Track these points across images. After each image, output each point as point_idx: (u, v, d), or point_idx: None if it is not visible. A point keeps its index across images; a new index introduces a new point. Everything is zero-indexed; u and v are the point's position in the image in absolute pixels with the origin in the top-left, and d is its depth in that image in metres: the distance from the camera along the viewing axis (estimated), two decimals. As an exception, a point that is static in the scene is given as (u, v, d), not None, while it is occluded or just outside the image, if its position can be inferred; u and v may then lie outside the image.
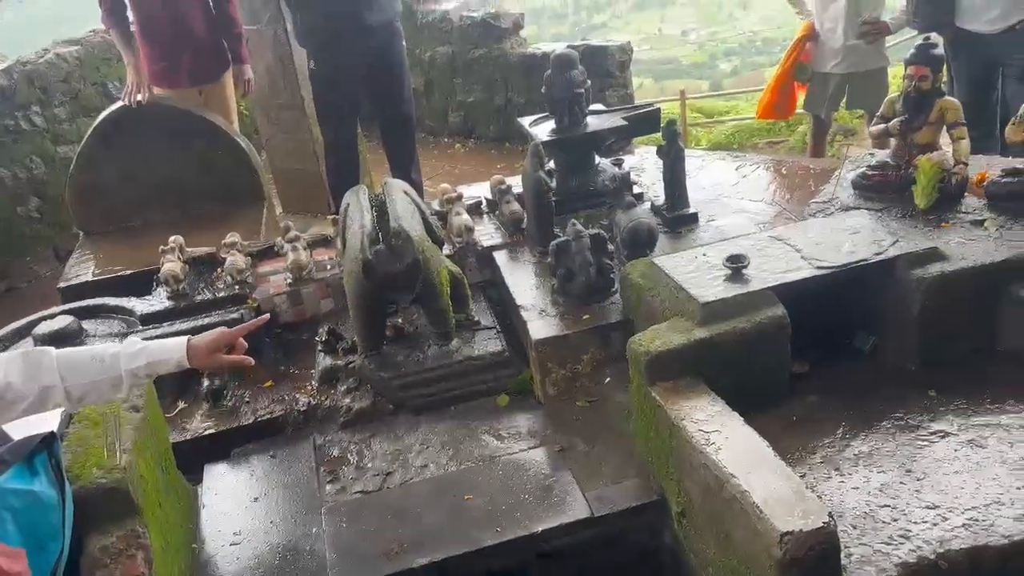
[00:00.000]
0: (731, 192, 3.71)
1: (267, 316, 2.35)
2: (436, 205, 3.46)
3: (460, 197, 3.43)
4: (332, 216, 3.38)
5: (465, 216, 3.31)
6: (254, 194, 4.21)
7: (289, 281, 3.20)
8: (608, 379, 2.69)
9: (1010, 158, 3.09)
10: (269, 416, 2.80)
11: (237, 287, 3.21)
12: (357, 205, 2.85)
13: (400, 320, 3.00)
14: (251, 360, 2.04)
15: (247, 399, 2.88)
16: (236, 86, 4.35)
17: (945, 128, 2.86)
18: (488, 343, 2.87)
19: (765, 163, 4.14)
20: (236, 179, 4.17)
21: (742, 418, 2.03)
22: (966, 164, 2.77)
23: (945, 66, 3.47)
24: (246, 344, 2.04)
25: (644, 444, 2.33)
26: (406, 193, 2.98)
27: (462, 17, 6.36)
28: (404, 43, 4.26)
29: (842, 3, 4.39)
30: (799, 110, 5.09)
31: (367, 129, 4.94)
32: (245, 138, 4.29)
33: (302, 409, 2.80)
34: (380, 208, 2.87)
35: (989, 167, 2.85)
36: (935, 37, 3.79)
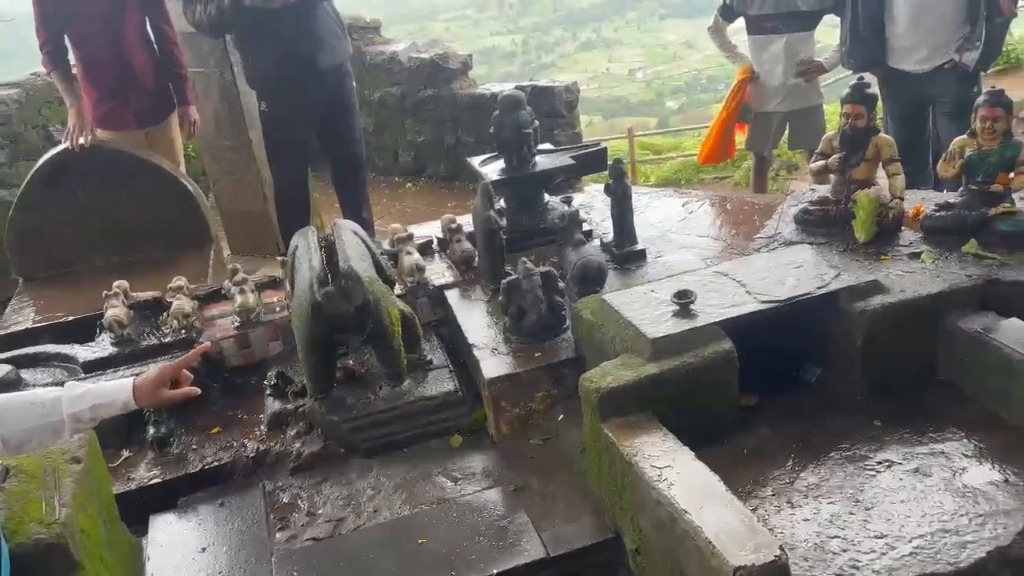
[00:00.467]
0: (678, 228, 3.78)
1: (208, 344, 2.34)
2: (386, 245, 3.46)
3: (411, 236, 3.43)
4: (281, 257, 3.36)
5: (416, 255, 3.30)
6: (201, 237, 4.16)
7: (237, 324, 3.16)
8: (561, 416, 2.69)
9: (944, 192, 3.20)
10: (217, 463, 2.73)
11: (184, 332, 3.15)
12: (305, 246, 2.83)
13: (351, 362, 2.97)
14: (198, 390, 2.03)
15: (194, 446, 2.82)
16: (182, 127, 4.32)
17: (881, 164, 2.95)
18: (441, 383, 2.86)
19: (711, 199, 4.24)
20: (183, 222, 4.12)
21: (693, 452, 2.04)
22: (902, 199, 2.87)
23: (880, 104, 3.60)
24: (191, 376, 2.03)
25: (598, 481, 2.33)
26: (355, 233, 2.97)
27: (411, 58, 6.43)
28: (354, 84, 4.28)
29: (780, 45, 4.56)
30: (740, 147, 5.23)
31: (316, 169, 4.93)
32: (192, 180, 4.25)
33: (251, 455, 2.75)
34: (329, 249, 2.85)
35: (924, 201, 2.95)
36: (869, 76, 3.94)
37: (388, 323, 2.72)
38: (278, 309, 3.22)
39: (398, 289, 3.16)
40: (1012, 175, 2.69)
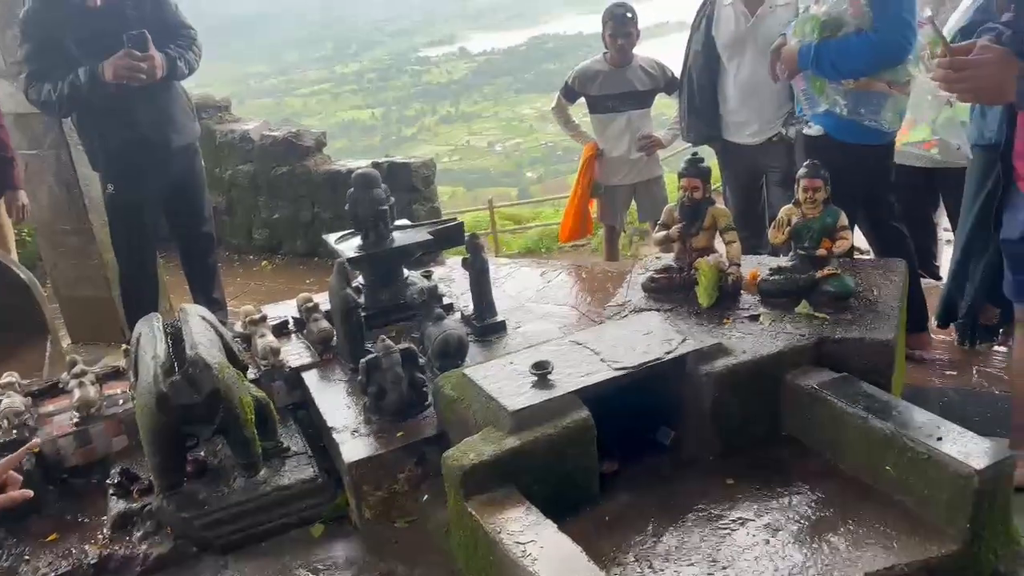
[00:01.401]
0: (537, 297, 3.85)
1: (37, 441, 2.19)
2: (238, 327, 3.35)
3: (264, 318, 3.33)
4: (125, 346, 3.19)
5: (270, 337, 3.21)
6: (36, 327, 3.90)
7: (76, 420, 2.95)
8: (426, 496, 2.64)
9: (779, 256, 3.42)
10: (53, 574, 2.51)
11: (15, 432, 2.91)
12: (150, 334, 2.70)
13: (202, 453, 2.83)
14: (29, 492, 1.89)
15: (26, 556, 2.58)
16: (9, 213, 4.09)
17: (719, 232, 3.12)
18: (299, 470, 2.75)
19: (567, 268, 4.35)
20: (15, 312, 3.85)
21: (556, 525, 2.05)
22: (738, 265, 3.04)
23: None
24: (19, 477, 1.89)
25: (465, 561, 2.29)
26: (203, 318, 2.86)
27: (263, 136, 6.37)
28: (203, 162, 4.19)
29: (621, 122, 4.84)
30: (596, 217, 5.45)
31: (165, 250, 4.75)
32: (25, 268, 4.00)
33: (92, 562, 2.54)
34: (175, 335, 2.73)
35: (760, 266, 3.14)
36: (706, 148, 4.21)
37: (240, 411, 2.61)
38: (121, 401, 3.03)
39: (252, 374, 3.05)
40: (834, 241, 2.91)
